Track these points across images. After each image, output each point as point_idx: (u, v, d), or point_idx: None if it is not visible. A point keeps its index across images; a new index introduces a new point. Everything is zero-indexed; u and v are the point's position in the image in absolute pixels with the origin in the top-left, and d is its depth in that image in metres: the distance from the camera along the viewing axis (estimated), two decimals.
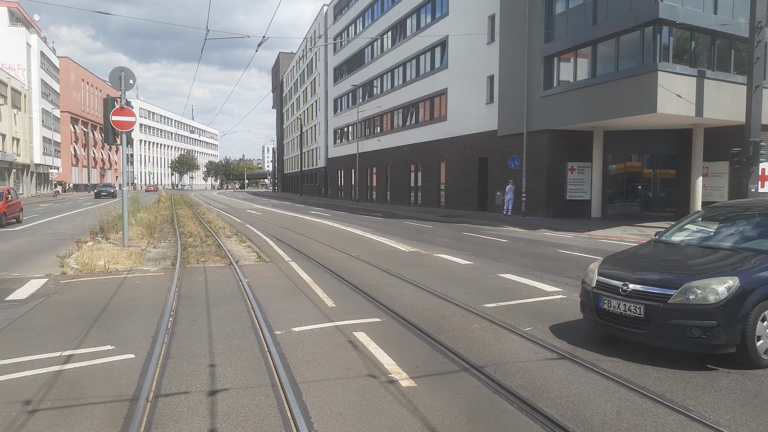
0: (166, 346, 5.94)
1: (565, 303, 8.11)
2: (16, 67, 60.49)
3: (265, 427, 4.06)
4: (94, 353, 5.74)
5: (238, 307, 7.78)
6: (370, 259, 12.50)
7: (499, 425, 4.10)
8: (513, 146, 27.51)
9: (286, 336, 6.34)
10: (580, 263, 12.09)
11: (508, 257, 13.00)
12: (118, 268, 10.98)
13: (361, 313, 7.43)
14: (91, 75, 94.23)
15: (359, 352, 5.77)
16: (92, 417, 4.23)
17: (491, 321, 6.99)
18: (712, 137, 22.27)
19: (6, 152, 53.49)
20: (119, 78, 13.67)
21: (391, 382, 4.93)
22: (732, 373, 5.17)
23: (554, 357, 5.63)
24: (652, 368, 5.30)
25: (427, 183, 38.55)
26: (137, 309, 7.70)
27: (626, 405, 4.43)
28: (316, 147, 72.02)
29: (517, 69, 26.77)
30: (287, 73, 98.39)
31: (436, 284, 9.49)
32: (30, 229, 20.72)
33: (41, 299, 8.36)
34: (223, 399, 4.56)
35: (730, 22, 20.19)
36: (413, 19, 40.67)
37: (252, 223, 24.15)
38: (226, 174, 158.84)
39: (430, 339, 6.20)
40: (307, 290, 9.01)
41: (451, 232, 19.91)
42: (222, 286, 9.39)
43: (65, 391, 4.76)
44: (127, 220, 14.87)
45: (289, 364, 5.39)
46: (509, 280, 9.93)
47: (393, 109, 44.78)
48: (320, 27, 67.66)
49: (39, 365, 5.36)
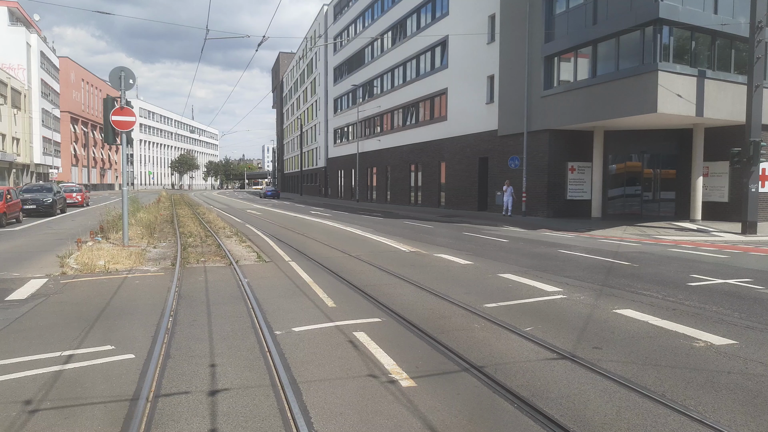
0: (166, 346, 5.94)
1: (565, 303, 8.11)
2: (16, 67, 60.46)
3: (265, 427, 4.05)
4: (94, 353, 5.74)
5: (238, 307, 7.77)
6: (370, 259, 12.50)
7: (499, 425, 4.10)
8: (513, 146, 27.51)
9: (286, 336, 6.34)
10: (580, 263, 12.10)
11: (508, 257, 13.00)
12: (118, 268, 10.97)
13: (362, 313, 7.43)
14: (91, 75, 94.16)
15: (359, 352, 5.77)
16: (92, 417, 4.23)
17: (491, 321, 6.99)
18: (712, 137, 22.27)
19: (6, 152, 53.49)
20: (119, 78, 13.67)
21: (391, 382, 4.92)
22: (732, 373, 5.17)
23: (554, 357, 5.63)
24: (652, 368, 5.30)
25: (427, 183, 38.55)
26: (137, 309, 7.70)
27: (626, 405, 4.43)
28: (316, 147, 72.02)
29: (517, 69, 26.77)
30: (287, 72, 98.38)
31: (437, 284, 9.49)
32: (30, 229, 20.72)
33: (41, 299, 8.36)
34: (223, 399, 4.56)
35: (731, 22, 20.19)
36: (413, 19, 40.67)
37: (252, 223, 24.15)
38: (226, 174, 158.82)
39: (431, 339, 6.20)
40: (307, 290, 9.00)
41: (452, 232, 19.91)
42: (222, 286, 9.39)
43: (65, 391, 4.75)
44: (127, 220, 14.86)
45: (289, 364, 5.39)
46: (509, 280, 9.93)
47: (393, 109, 44.78)
48: (320, 27, 67.66)
49: (39, 365, 5.36)
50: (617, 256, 13.34)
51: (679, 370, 5.27)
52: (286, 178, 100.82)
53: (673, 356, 5.67)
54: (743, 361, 5.53)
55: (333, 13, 63.09)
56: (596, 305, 7.95)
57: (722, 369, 5.30)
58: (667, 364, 5.42)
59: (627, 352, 5.78)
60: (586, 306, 7.92)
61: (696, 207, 22.59)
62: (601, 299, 8.36)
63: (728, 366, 5.38)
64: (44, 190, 28.22)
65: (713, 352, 5.81)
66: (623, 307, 7.82)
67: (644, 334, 6.46)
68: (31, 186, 30.74)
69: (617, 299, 8.35)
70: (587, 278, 10.15)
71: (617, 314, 7.42)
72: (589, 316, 7.34)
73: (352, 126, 55.30)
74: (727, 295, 8.72)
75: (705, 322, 6.99)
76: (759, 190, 18.38)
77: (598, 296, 8.57)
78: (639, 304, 7.98)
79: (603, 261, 12.47)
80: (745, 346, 6.01)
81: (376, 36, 46.73)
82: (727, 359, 5.58)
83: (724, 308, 7.78)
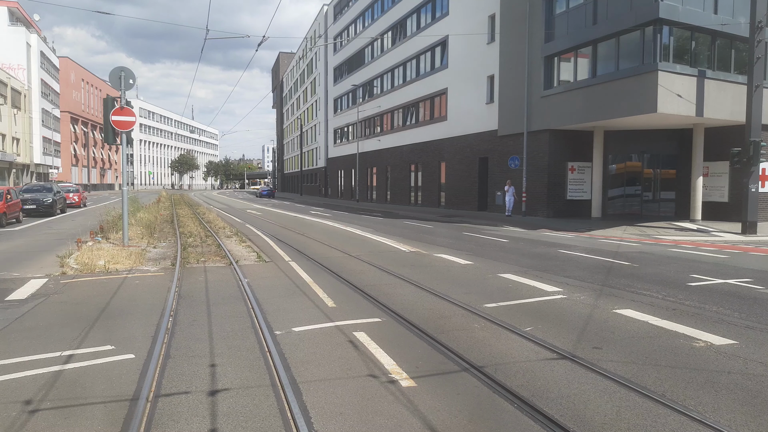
0: (166, 346, 5.94)
1: (565, 303, 8.11)
2: (16, 67, 60.46)
3: (265, 427, 4.05)
4: (94, 353, 5.74)
5: (238, 307, 7.77)
6: (370, 259, 12.50)
7: (499, 425, 4.10)
8: (513, 146, 27.51)
9: (286, 336, 6.34)
10: (580, 263, 12.10)
11: (508, 257, 13.00)
12: (118, 268, 10.97)
13: (362, 313, 7.43)
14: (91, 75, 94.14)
15: (359, 352, 5.77)
16: (92, 417, 4.23)
17: (491, 321, 6.99)
18: (712, 137, 22.27)
19: (6, 152, 53.49)
20: (119, 78, 13.67)
21: (391, 382, 4.92)
22: (732, 373, 5.17)
23: (554, 357, 5.63)
24: (652, 368, 5.30)
25: (427, 183, 38.55)
26: (137, 309, 7.70)
27: (626, 405, 4.43)
28: (316, 147, 72.01)
29: (517, 69, 26.77)
30: (287, 73, 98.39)
31: (437, 284, 9.49)
32: (30, 229, 20.72)
33: (41, 299, 8.36)
34: (223, 399, 4.56)
35: (731, 22, 20.19)
36: (413, 19, 40.67)
37: (252, 223, 24.15)
38: (226, 174, 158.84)
39: (431, 339, 6.20)
40: (307, 290, 9.00)
41: (452, 232, 19.91)
42: (222, 286, 9.39)
43: (65, 391, 4.75)
44: (127, 220, 14.87)
45: (289, 364, 5.39)
46: (509, 280, 9.93)
47: (393, 109, 44.78)
48: (320, 27, 67.66)
49: (39, 365, 5.36)
50: (617, 256, 13.34)
51: (679, 370, 5.27)
52: (286, 178, 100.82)
53: (673, 356, 5.67)
54: (743, 361, 5.53)
55: (333, 13, 63.09)
56: (596, 305, 7.95)
57: (722, 369, 5.30)
58: (667, 364, 5.42)
59: (627, 352, 5.78)
60: (586, 306, 7.92)
61: (696, 207, 22.58)
62: (601, 299, 8.36)
63: (728, 366, 5.38)
64: (44, 190, 28.26)
65: (713, 352, 5.81)
66: (623, 307, 7.83)
67: (644, 334, 6.46)
68: (31, 186, 30.74)
69: (617, 299, 8.35)
70: (587, 278, 10.15)
71: (617, 314, 7.42)
72: (589, 316, 7.34)
73: (352, 126, 55.30)
74: (727, 295, 8.72)
75: (705, 322, 6.99)
76: (759, 190, 18.39)
77: (598, 296, 8.57)
78: (639, 304, 7.98)
79: (603, 261, 12.47)
80: (745, 346, 6.01)
81: (376, 36, 46.73)
82: (727, 359, 5.58)
83: (724, 308, 7.78)
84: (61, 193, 30.51)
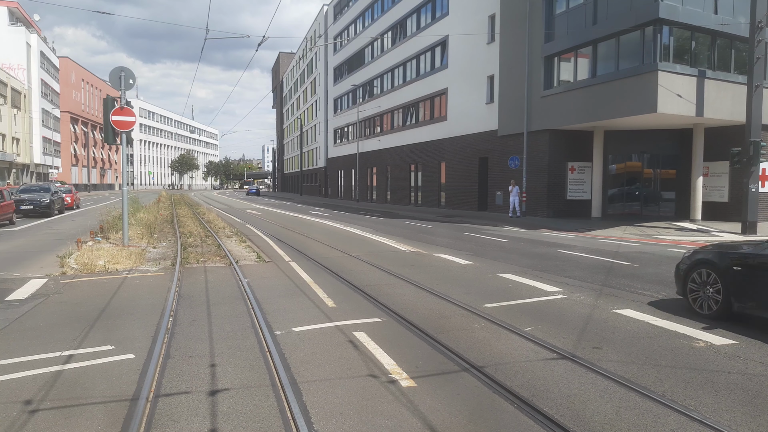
0: (166, 346, 5.94)
1: (565, 303, 8.11)
2: (16, 67, 60.47)
3: (265, 427, 4.05)
4: (94, 353, 5.74)
5: (238, 307, 7.77)
6: (370, 259, 12.50)
7: (499, 425, 4.10)
8: (513, 146, 27.51)
9: (286, 336, 6.34)
10: (580, 263, 12.10)
11: (508, 257, 13.00)
12: (118, 268, 10.97)
13: (362, 313, 7.43)
14: (91, 75, 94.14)
15: (359, 352, 5.77)
16: (92, 417, 4.23)
17: (491, 321, 6.99)
18: (712, 137, 22.27)
19: (6, 152, 53.49)
20: (119, 78, 13.66)
21: (391, 382, 4.92)
22: (732, 374, 5.17)
23: (554, 357, 5.63)
24: (652, 368, 5.30)
25: (427, 183, 38.55)
26: (137, 309, 7.70)
27: (626, 405, 4.43)
28: (316, 147, 72.01)
29: (517, 69, 26.77)
30: (287, 73, 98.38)
31: (437, 284, 9.49)
32: (30, 229, 20.71)
33: (41, 299, 8.36)
34: (223, 399, 4.56)
35: (731, 22, 20.19)
36: (413, 19, 40.67)
37: (252, 223, 24.15)
38: (226, 174, 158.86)
39: (431, 339, 6.20)
40: (307, 290, 9.00)
41: (452, 232, 19.91)
42: (222, 286, 9.39)
43: (65, 391, 4.75)
44: (126, 220, 14.86)
45: (289, 364, 5.39)
46: (509, 280, 9.93)
47: (393, 109, 44.78)
48: (320, 27, 67.66)
49: (39, 365, 5.36)
50: (617, 256, 13.34)
51: (679, 370, 5.27)
52: (286, 178, 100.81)
53: (673, 356, 5.67)
54: (743, 361, 5.53)
55: (333, 13, 63.08)
56: (596, 305, 7.95)
57: (722, 369, 5.30)
58: (667, 364, 5.42)
59: (627, 352, 5.78)
60: (586, 306, 7.92)
61: (696, 207, 22.59)
62: (601, 299, 8.36)
63: (728, 366, 5.38)
64: (42, 191, 27.92)
65: (713, 352, 5.81)
66: (623, 307, 7.83)
67: (644, 334, 6.46)
68: (29, 186, 30.40)
69: (617, 299, 8.35)
70: (587, 278, 10.15)
71: (617, 314, 7.42)
72: (589, 316, 7.34)
73: (352, 126, 55.29)
74: None
75: (705, 322, 6.98)
76: (759, 190, 18.40)
77: (598, 296, 8.57)
78: (639, 304, 7.98)
79: (603, 261, 12.47)
80: (745, 346, 6.01)
81: (376, 36, 46.73)
82: (727, 359, 5.58)
83: None
84: (59, 193, 30.29)
